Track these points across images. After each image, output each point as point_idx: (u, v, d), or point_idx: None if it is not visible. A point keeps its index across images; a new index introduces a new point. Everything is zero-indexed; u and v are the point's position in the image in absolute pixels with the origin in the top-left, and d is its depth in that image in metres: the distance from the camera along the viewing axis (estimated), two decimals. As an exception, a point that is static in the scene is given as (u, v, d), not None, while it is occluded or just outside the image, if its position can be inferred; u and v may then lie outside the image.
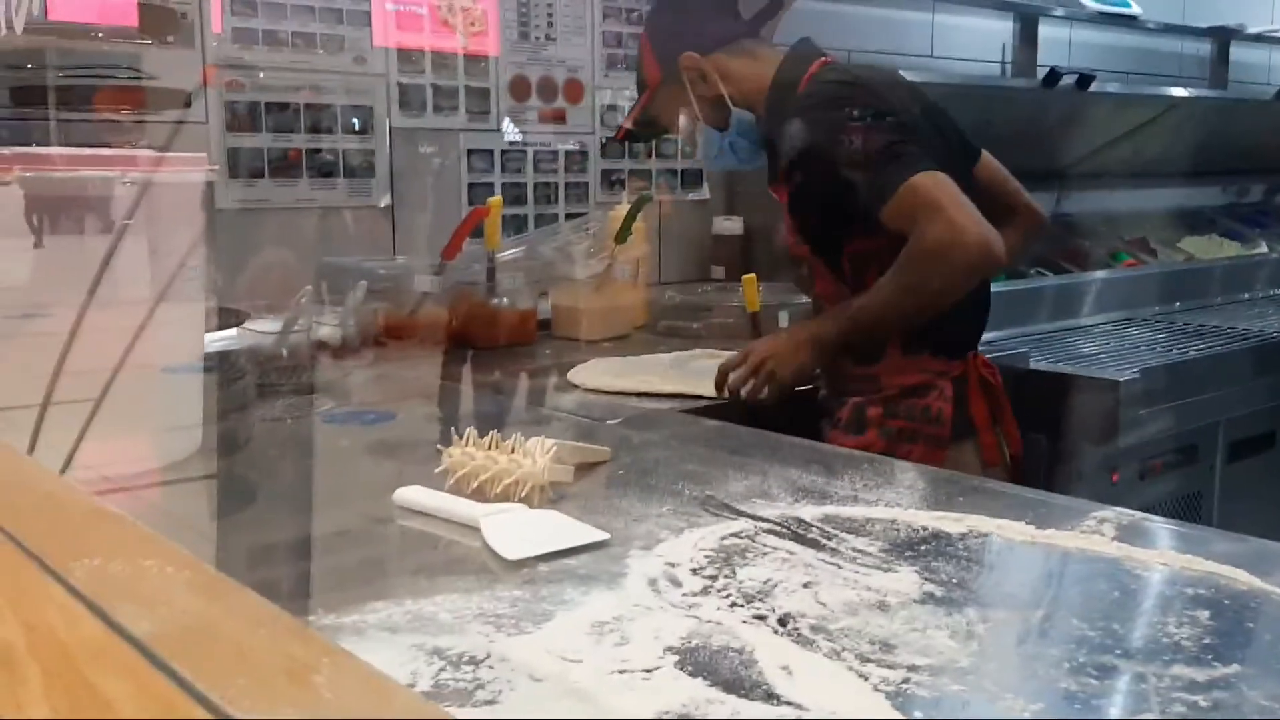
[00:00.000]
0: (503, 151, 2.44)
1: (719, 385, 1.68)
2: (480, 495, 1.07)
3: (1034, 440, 1.95)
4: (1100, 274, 3.13)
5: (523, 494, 1.06)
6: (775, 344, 1.69)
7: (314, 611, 0.84)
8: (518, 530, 0.98)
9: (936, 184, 1.55)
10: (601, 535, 0.97)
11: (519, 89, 2.45)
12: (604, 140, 2.62)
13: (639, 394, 1.71)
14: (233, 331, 1.60)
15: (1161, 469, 2.33)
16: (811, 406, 1.78)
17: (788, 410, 1.65)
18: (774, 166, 1.77)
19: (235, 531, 1.12)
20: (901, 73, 1.91)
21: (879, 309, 1.62)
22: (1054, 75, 3.11)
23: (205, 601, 0.65)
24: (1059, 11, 3.40)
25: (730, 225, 2.74)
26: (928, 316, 1.63)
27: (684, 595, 0.85)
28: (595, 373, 1.79)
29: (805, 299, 2.07)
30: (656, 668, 0.73)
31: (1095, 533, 0.99)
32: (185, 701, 0.50)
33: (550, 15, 2.49)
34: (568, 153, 2.55)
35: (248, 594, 0.64)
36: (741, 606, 0.83)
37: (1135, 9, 3.51)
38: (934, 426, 1.66)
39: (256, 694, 0.51)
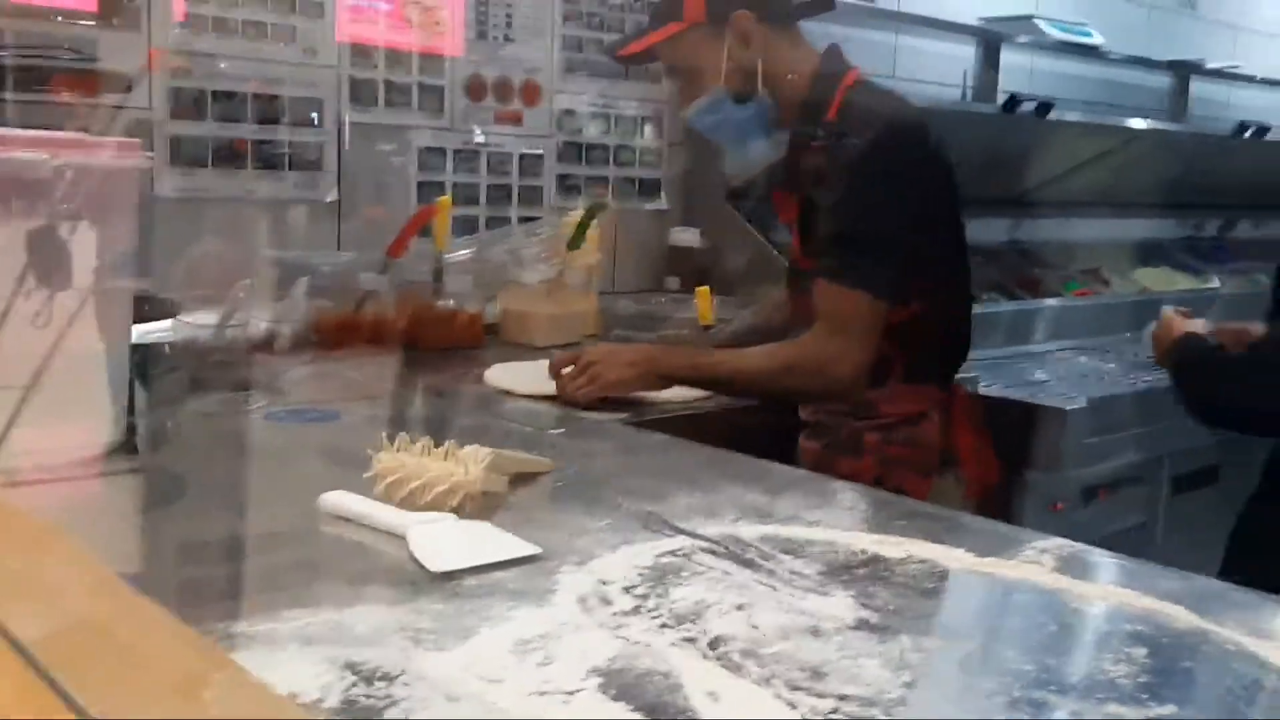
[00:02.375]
0: (456, 151, 2.40)
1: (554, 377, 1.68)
2: (410, 503, 1.04)
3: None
4: (1053, 301, 3.15)
5: (454, 503, 1.03)
6: (610, 351, 1.69)
7: (226, 617, 0.80)
8: (446, 541, 0.94)
9: (859, 310, 1.58)
10: (533, 549, 0.94)
11: (475, 89, 2.42)
12: (561, 144, 2.59)
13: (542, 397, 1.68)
14: (166, 323, 1.55)
15: (1105, 499, 2.34)
16: (791, 424, 1.76)
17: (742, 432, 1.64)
18: (793, 173, 1.73)
19: (155, 529, 1.08)
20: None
21: (735, 373, 1.65)
22: (1014, 101, 3.13)
23: (100, 605, 0.62)
24: (1022, 39, 3.43)
25: (687, 237, 2.72)
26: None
27: (614, 614, 0.83)
28: (509, 373, 1.78)
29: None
30: (579, 690, 0.70)
31: (1035, 563, 0.97)
32: (62, 710, 0.47)
33: (509, 15, 2.46)
34: (523, 155, 2.52)
35: (145, 600, 0.61)
36: (672, 628, 0.80)
37: (1097, 39, 3.54)
38: (924, 455, 1.67)
39: (138, 707, 0.48)
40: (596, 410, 1.62)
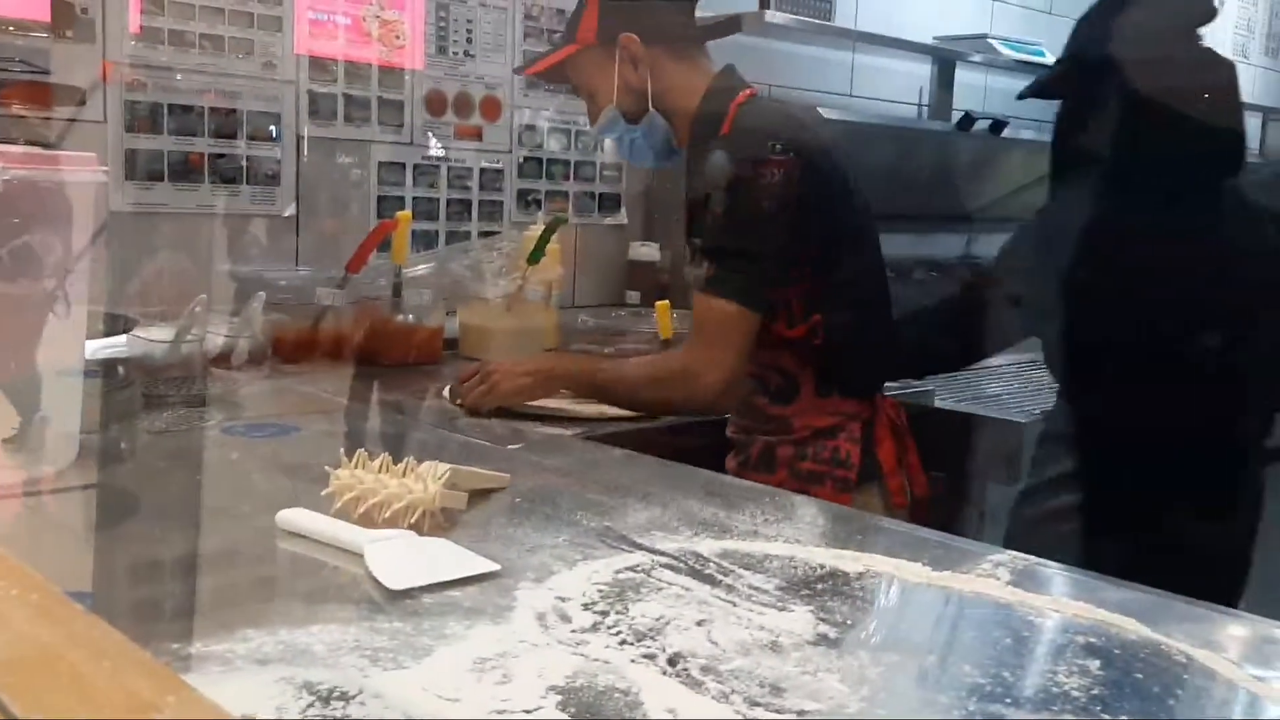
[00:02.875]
0: (415, 165, 2.40)
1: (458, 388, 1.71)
2: (368, 520, 1.03)
3: (935, 479, 1.96)
4: (1007, 316, 3.17)
5: (412, 520, 1.03)
6: (511, 362, 1.72)
7: (180, 638, 0.79)
8: (403, 558, 0.94)
9: (728, 321, 1.59)
10: (491, 566, 0.94)
11: (435, 103, 2.42)
12: (521, 159, 2.59)
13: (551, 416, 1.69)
14: (121, 338, 1.53)
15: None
16: (719, 440, 1.77)
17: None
18: (692, 186, 1.75)
19: (110, 547, 1.06)
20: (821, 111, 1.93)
21: (614, 381, 1.68)
22: (968, 119, 3.17)
23: (48, 628, 0.61)
24: (976, 57, 3.47)
25: (646, 251, 2.73)
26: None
27: (573, 631, 0.83)
28: None
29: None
30: (537, 709, 0.70)
31: (991, 576, 0.98)
32: (12, 739, 0.46)
33: (470, 31, 2.46)
34: (483, 170, 2.52)
35: (96, 621, 0.60)
36: (631, 645, 0.80)
37: (1049, 59, 3.60)
38: (842, 469, 1.66)
39: (89, 732, 0.47)
40: (498, 418, 1.66)
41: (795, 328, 1.65)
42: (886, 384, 1.85)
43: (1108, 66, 1.79)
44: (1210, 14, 1.84)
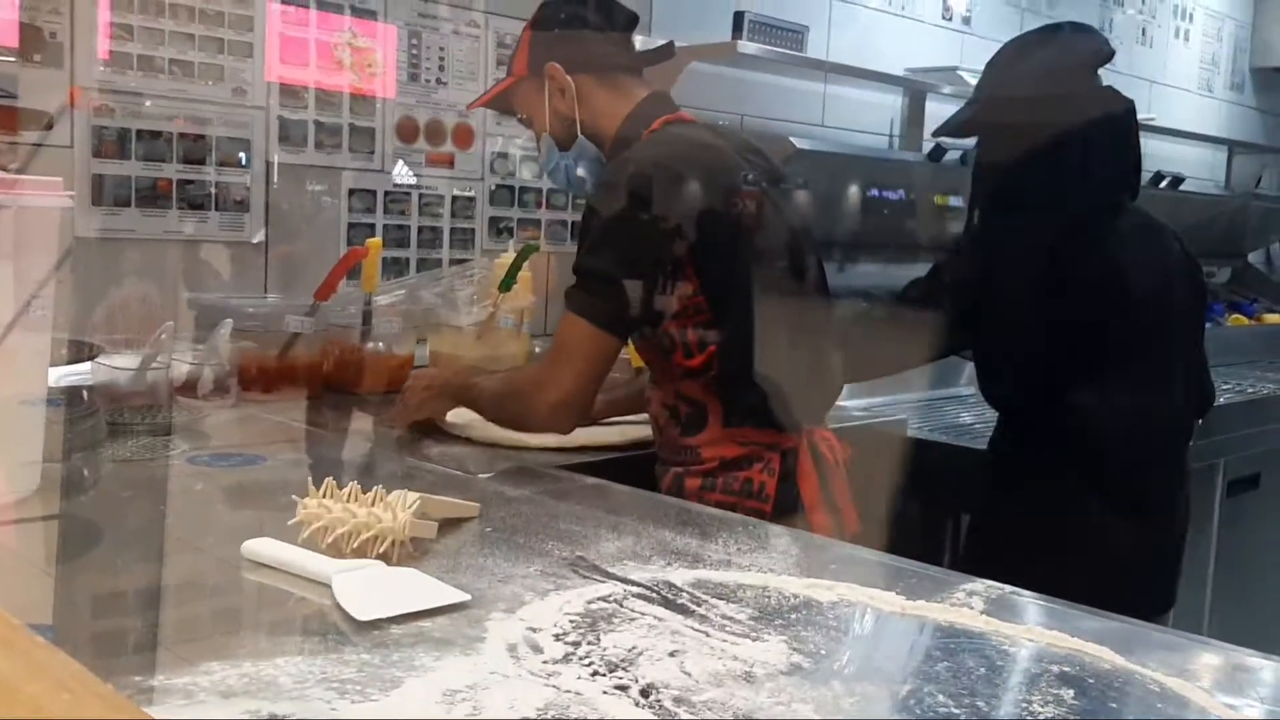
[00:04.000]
0: (386, 193, 2.39)
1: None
2: (337, 550, 1.01)
3: (908, 507, 1.96)
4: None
5: (381, 550, 1.01)
6: (418, 377, 1.77)
7: (143, 671, 0.78)
8: (372, 589, 0.92)
9: (577, 338, 1.59)
10: (462, 596, 0.93)
11: (406, 131, 2.41)
12: (493, 187, 2.59)
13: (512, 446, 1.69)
14: (85, 366, 1.51)
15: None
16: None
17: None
18: None
19: (72, 578, 1.04)
20: (769, 140, 1.93)
21: (481, 395, 1.69)
22: (939, 150, 3.20)
23: (7, 659, 0.59)
24: (946, 89, 3.50)
25: (618, 280, 2.72)
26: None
27: (544, 663, 0.81)
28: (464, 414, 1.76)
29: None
30: (508, 741, 0.69)
31: (964, 605, 0.98)
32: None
33: (442, 58, 2.46)
34: (455, 198, 2.51)
35: (55, 653, 0.59)
36: (604, 675, 0.79)
37: (1017, 92, 3.63)
38: (755, 501, 1.62)
39: (46, 770, 0.46)
40: (421, 434, 1.72)
41: (692, 358, 1.63)
42: (825, 413, 1.82)
43: (1015, 105, 1.96)
44: (1107, 56, 2.02)
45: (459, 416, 1.76)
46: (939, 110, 3.65)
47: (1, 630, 0.63)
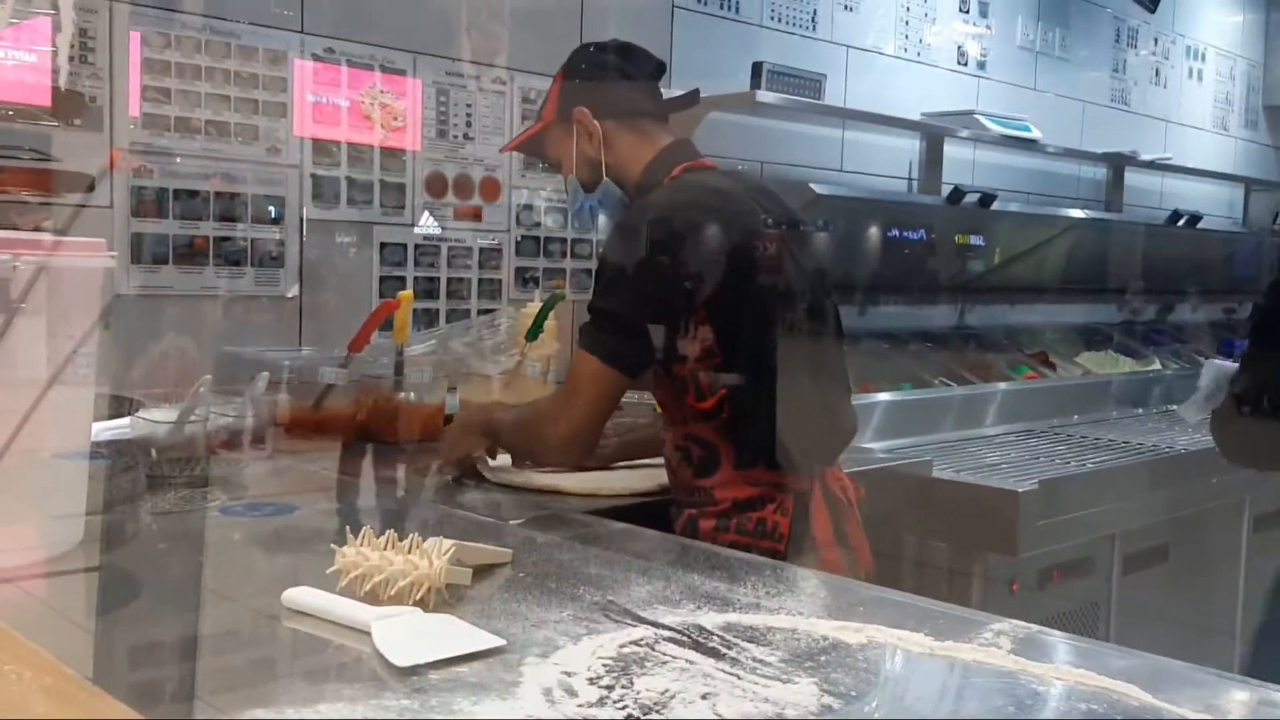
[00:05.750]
0: (416, 246, 2.43)
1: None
2: (374, 597, 1.04)
3: (935, 549, 1.96)
4: (1002, 385, 3.21)
5: (418, 597, 1.03)
6: (457, 419, 1.85)
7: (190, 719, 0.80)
8: (410, 635, 0.94)
9: (586, 374, 1.64)
10: (497, 641, 0.95)
11: (435, 185, 2.46)
12: (519, 238, 2.63)
13: (547, 491, 1.71)
14: (125, 420, 1.54)
15: (1059, 579, 2.36)
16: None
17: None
18: None
19: (115, 629, 1.06)
20: (789, 186, 1.95)
21: (505, 427, 1.75)
22: (958, 193, 3.23)
23: (62, 711, 0.62)
24: (964, 133, 3.54)
25: (642, 326, 2.75)
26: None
27: (579, 706, 0.83)
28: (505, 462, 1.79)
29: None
30: (546, 783, 0.70)
31: (993, 645, 0.99)
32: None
33: (469, 114, 2.51)
34: (482, 249, 2.55)
35: (109, 702, 0.61)
36: (638, 718, 0.81)
37: (1035, 134, 3.67)
38: (769, 540, 1.63)
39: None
40: (464, 476, 1.77)
41: (704, 401, 1.65)
42: (840, 455, 1.82)
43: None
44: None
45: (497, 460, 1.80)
46: (956, 154, 3.68)
47: (57, 683, 0.66)
